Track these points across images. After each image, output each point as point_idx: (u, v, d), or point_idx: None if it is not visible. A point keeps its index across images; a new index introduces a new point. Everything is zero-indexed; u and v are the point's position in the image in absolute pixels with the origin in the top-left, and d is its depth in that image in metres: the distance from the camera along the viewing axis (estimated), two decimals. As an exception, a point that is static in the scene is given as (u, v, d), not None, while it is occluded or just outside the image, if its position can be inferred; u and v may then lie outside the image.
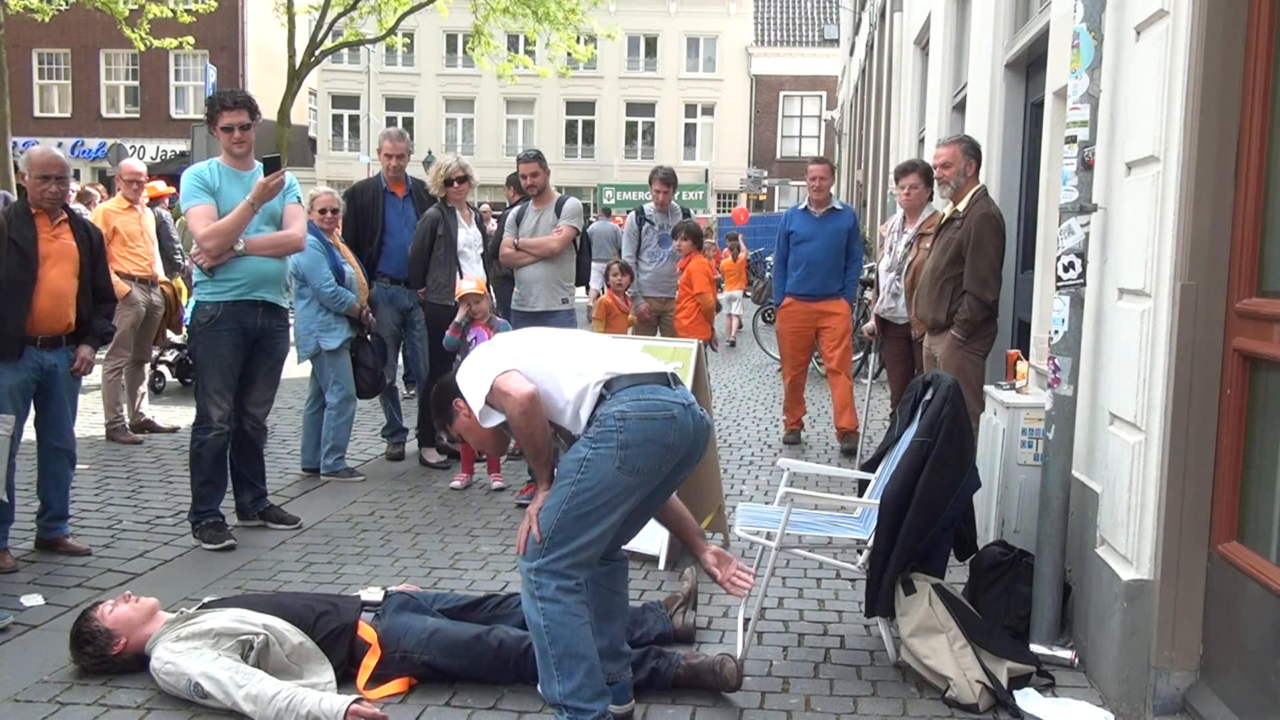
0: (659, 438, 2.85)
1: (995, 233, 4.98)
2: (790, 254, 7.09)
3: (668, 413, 2.87)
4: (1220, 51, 2.91)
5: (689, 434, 2.94)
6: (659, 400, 2.89)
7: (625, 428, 2.81)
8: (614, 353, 3.05)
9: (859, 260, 7.12)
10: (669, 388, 2.96)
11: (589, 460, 2.82)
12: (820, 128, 37.37)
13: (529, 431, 2.87)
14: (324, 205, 6.08)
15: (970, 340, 5.01)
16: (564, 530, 2.84)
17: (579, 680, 2.83)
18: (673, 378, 3.02)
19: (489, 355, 3.01)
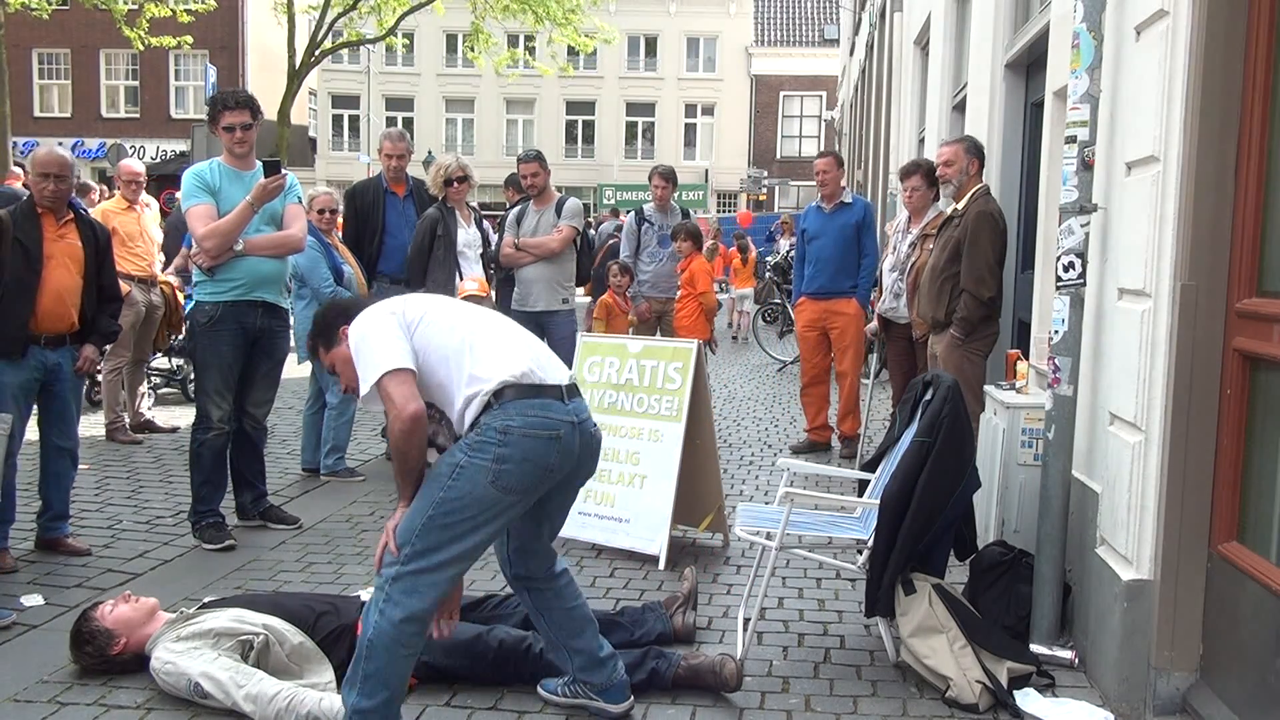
0: (539, 458, 2.74)
1: (992, 230, 4.97)
2: (805, 251, 7.02)
3: (553, 432, 2.76)
4: (1220, 51, 2.91)
5: (573, 454, 2.83)
6: (547, 418, 2.77)
7: (506, 442, 2.70)
8: (517, 352, 2.87)
9: (872, 255, 6.86)
10: (562, 402, 2.83)
11: (463, 468, 2.70)
12: (820, 128, 37.35)
13: (405, 449, 2.72)
14: (322, 205, 6.07)
15: (970, 339, 5.00)
16: (426, 537, 2.71)
17: (375, 704, 2.72)
18: (568, 390, 2.88)
19: (386, 333, 2.80)
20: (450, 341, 2.83)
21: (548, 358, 2.97)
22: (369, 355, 2.77)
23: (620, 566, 4.59)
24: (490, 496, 2.71)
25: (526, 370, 2.81)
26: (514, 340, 2.94)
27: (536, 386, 2.80)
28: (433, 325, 2.85)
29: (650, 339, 6.24)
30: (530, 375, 2.81)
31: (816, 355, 7.02)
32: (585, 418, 2.90)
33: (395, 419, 2.69)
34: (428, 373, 2.80)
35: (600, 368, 5.10)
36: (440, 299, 3.08)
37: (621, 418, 4.95)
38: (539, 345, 3.02)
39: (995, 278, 4.99)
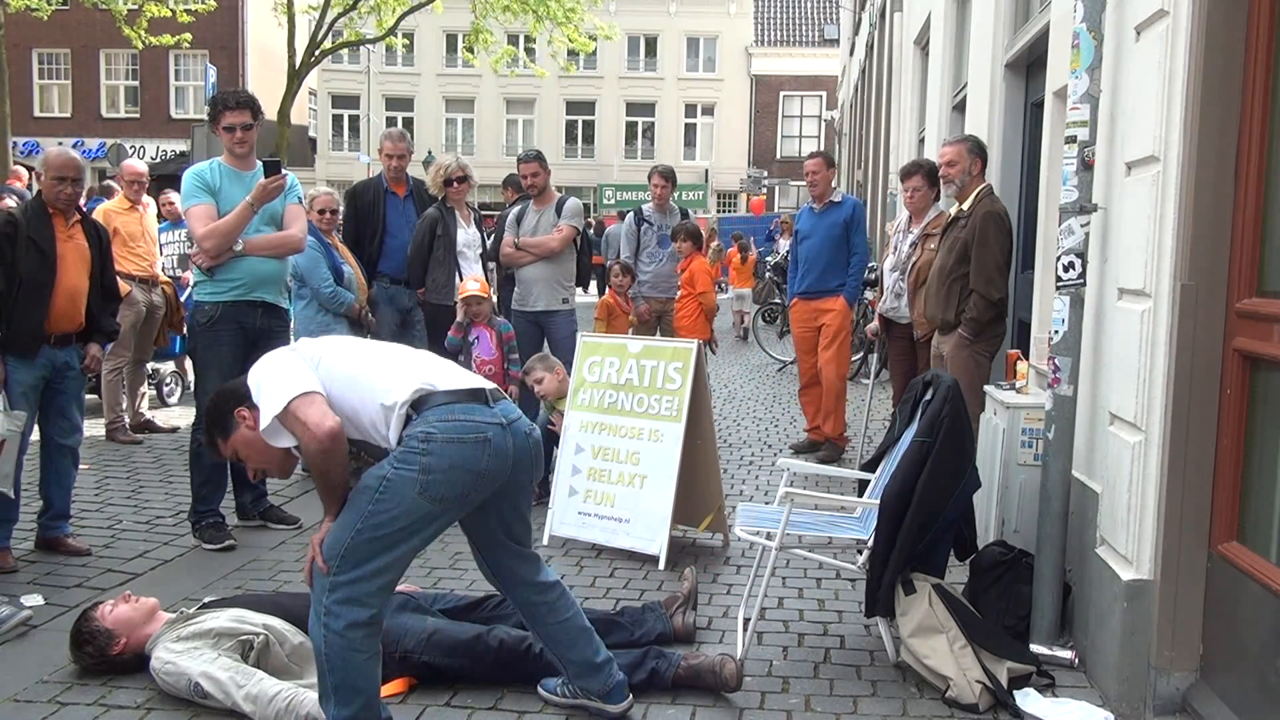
0: (467, 464, 2.65)
1: (1000, 230, 4.96)
2: (797, 252, 7.01)
3: (480, 435, 2.67)
4: (1220, 51, 2.91)
5: (506, 456, 2.74)
6: (471, 421, 2.68)
7: (429, 450, 2.61)
8: (424, 366, 2.82)
9: (861, 253, 6.83)
10: (486, 406, 2.75)
11: (389, 481, 2.62)
12: (820, 128, 37.36)
13: (325, 469, 2.65)
14: (323, 206, 6.05)
15: (978, 339, 4.99)
16: (356, 552, 2.63)
17: (354, 711, 2.69)
18: (492, 394, 2.81)
19: (288, 365, 2.75)
20: (353, 369, 2.77)
21: (459, 370, 2.91)
22: (270, 389, 2.68)
23: (620, 566, 4.59)
24: (420, 507, 2.64)
25: (441, 379, 2.76)
26: (419, 359, 2.90)
27: (456, 391, 2.73)
28: (332, 357, 2.80)
29: (650, 339, 6.24)
30: (446, 382, 2.75)
31: (813, 356, 6.93)
32: (516, 418, 2.82)
33: (311, 440, 2.60)
34: (337, 401, 2.70)
35: (600, 368, 5.10)
36: (333, 339, 3.01)
37: (621, 418, 4.95)
38: (446, 363, 2.96)
39: (1004, 278, 4.98)
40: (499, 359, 5.87)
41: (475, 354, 5.83)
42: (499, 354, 5.87)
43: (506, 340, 5.92)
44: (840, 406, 6.82)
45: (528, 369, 5.59)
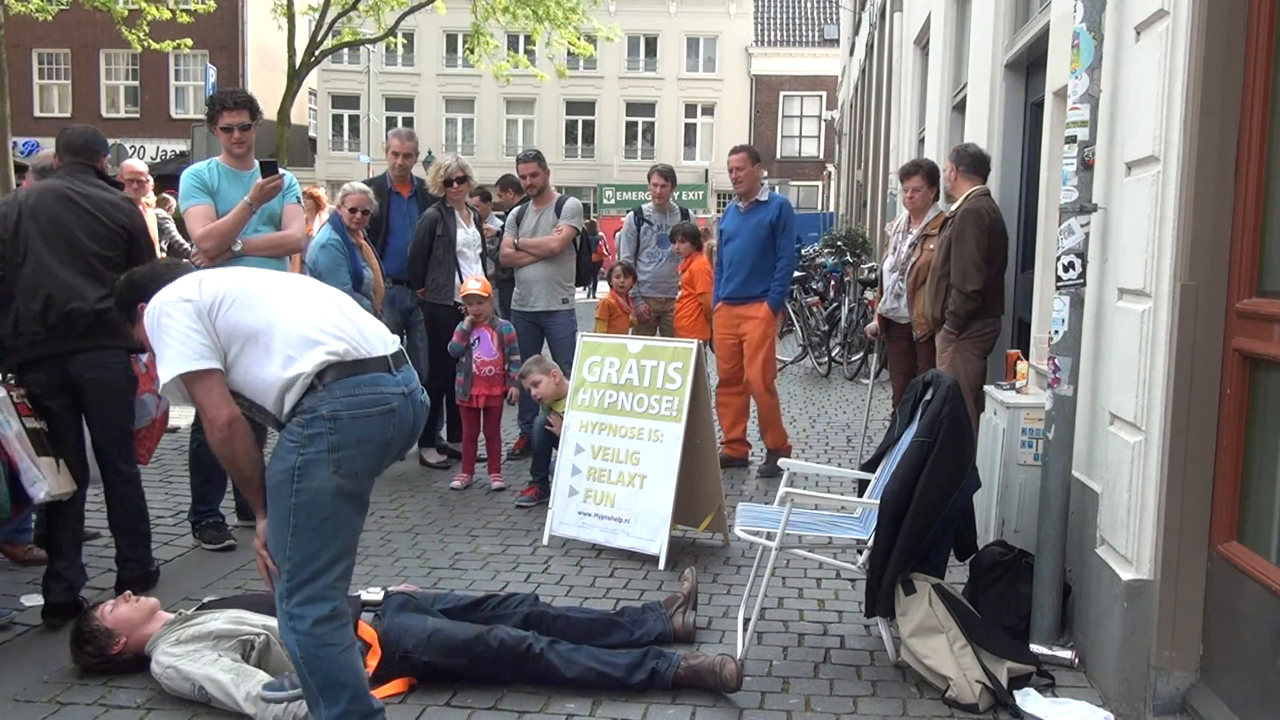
0: (375, 436, 2.63)
1: (976, 226, 5.05)
2: (722, 254, 6.51)
3: (385, 406, 2.64)
4: (1220, 51, 2.91)
5: (407, 425, 2.72)
6: (377, 393, 2.63)
7: (336, 429, 2.56)
8: (335, 326, 2.68)
9: (786, 257, 6.28)
10: (390, 374, 2.69)
11: (300, 470, 2.56)
12: (820, 128, 37.36)
13: (230, 458, 2.61)
14: (355, 204, 5.88)
15: (964, 335, 5.08)
16: (299, 549, 2.59)
17: (343, 706, 2.65)
18: (394, 360, 2.73)
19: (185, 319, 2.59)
20: (257, 321, 2.64)
21: (370, 326, 2.79)
22: (165, 349, 2.59)
23: (620, 566, 4.59)
24: (339, 485, 2.59)
25: (348, 346, 2.65)
26: (329, 311, 2.73)
27: (361, 362, 2.65)
28: (236, 305, 2.64)
29: (650, 339, 6.24)
30: (353, 351, 2.65)
31: (732, 363, 6.44)
32: (415, 387, 2.77)
33: (210, 428, 2.59)
34: (235, 358, 2.62)
35: (600, 368, 5.10)
36: (245, 274, 2.84)
37: (621, 418, 4.95)
38: (357, 313, 2.82)
39: (981, 272, 5.03)
40: (500, 359, 5.87)
41: (476, 354, 5.84)
42: (500, 354, 5.88)
43: (508, 341, 5.93)
44: (776, 417, 6.40)
45: (524, 372, 5.59)
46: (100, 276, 3.81)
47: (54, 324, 3.74)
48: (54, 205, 3.82)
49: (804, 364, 11.35)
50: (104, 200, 3.94)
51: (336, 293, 2.91)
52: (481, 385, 5.84)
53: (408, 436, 2.78)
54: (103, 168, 4.17)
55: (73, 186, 3.88)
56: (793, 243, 6.44)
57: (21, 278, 3.77)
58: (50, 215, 3.81)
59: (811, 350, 11.24)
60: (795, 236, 6.86)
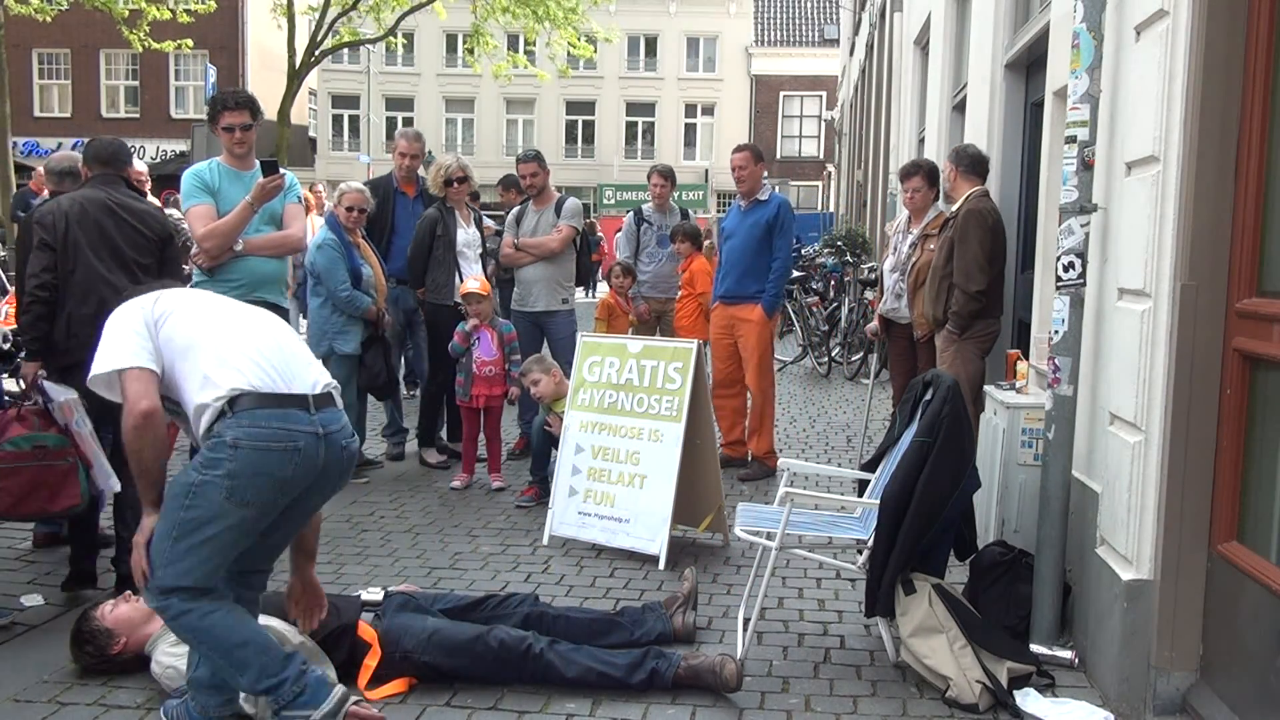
0: (272, 470, 2.67)
1: (980, 226, 5.06)
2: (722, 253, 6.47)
3: (289, 444, 2.68)
4: (1220, 51, 2.91)
5: (315, 466, 2.75)
6: (283, 429, 2.68)
7: (236, 457, 2.63)
8: (261, 356, 2.75)
9: (782, 259, 6.18)
10: (307, 412, 2.72)
11: (197, 487, 2.65)
12: (820, 128, 37.37)
13: (137, 448, 2.68)
14: (351, 203, 5.89)
15: (965, 335, 5.09)
16: (176, 559, 2.68)
17: (255, 666, 2.73)
18: (317, 400, 2.76)
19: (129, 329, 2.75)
20: (191, 339, 2.75)
21: (302, 364, 2.85)
22: (106, 345, 2.76)
23: (620, 566, 4.59)
24: (230, 511, 2.67)
25: (266, 378, 2.71)
26: (261, 342, 2.81)
27: (276, 396, 2.70)
28: (177, 321, 2.78)
29: (650, 339, 6.24)
30: (269, 384, 2.71)
31: (728, 364, 6.36)
32: (336, 429, 2.79)
33: (126, 414, 2.67)
34: (168, 371, 2.74)
35: (600, 368, 5.10)
36: (198, 295, 2.97)
37: (621, 418, 4.95)
38: (291, 347, 2.88)
39: (984, 272, 5.05)
40: (500, 359, 5.87)
41: (476, 354, 5.84)
42: (500, 354, 5.88)
43: (508, 341, 5.93)
44: (767, 425, 6.30)
45: (524, 371, 5.59)
46: (139, 281, 3.99)
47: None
48: (99, 214, 4.04)
49: (804, 364, 11.35)
50: (140, 210, 4.20)
51: (281, 328, 2.98)
52: (482, 385, 5.84)
53: (318, 478, 2.81)
54: (130, 177, 4.35)
55: (111, 196, 4.10)
56: (790, 244, 6.38)
57: (73, 283, 3.98)
58: (96, 224, 4.03)
59: (811, 350, 11.24)
60: (794, 238, 6.80)
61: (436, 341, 6.25)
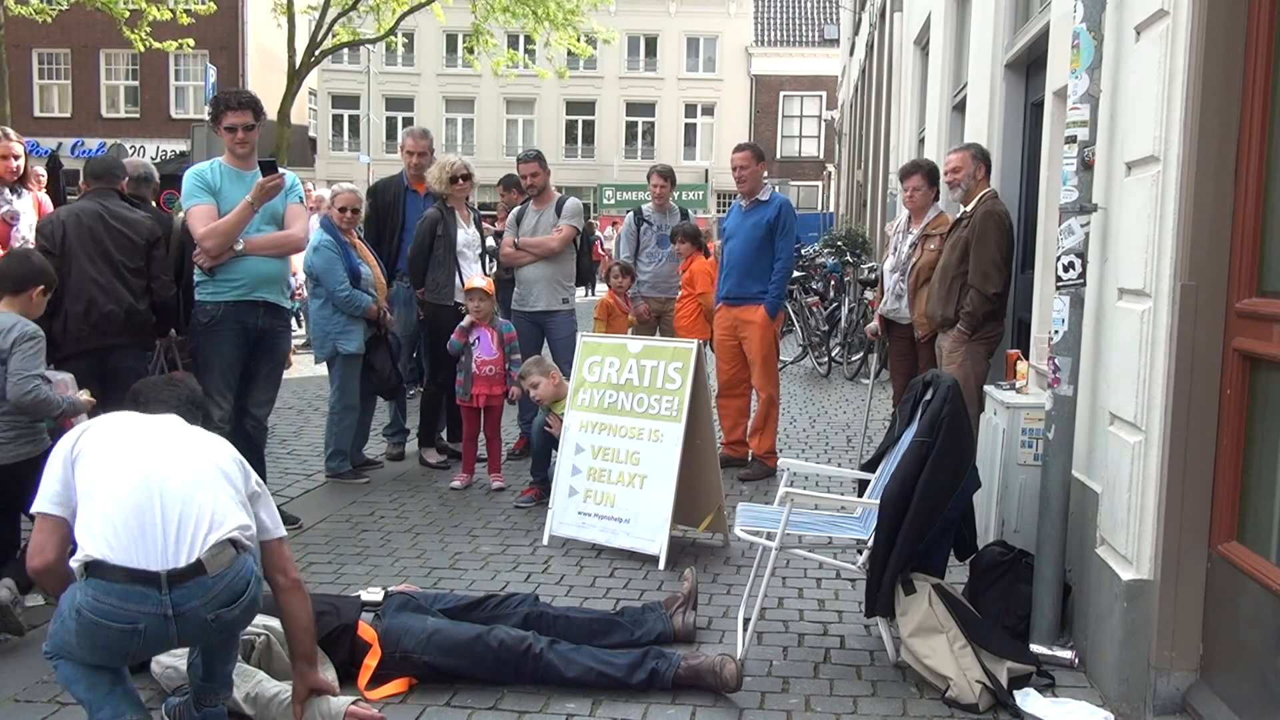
0: (110, 645, 2.61)
1: (998, 229, 5.06)
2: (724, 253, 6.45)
3: (129, 625, 2.56)
4: (1220, 51, 2.91)
5: (166, 641, 2.66)
6: (124, 609, 2.55)
7: (80, 622, 2.58)
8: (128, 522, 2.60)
9: (784, 259, 6.16)
10: (155, 591, 2.56)
11: (64, 617, 2.64)
12: (820, 128, 37.37)
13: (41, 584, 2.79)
14: (344, 203, 5.90)
15: (975, 336, 5.07)
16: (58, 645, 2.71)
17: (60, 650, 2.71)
18: (175, 576, 2.57)
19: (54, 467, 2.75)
20: (85, 486, 2.69)
21: (176, 526, 2.63)
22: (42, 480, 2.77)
23: (620, 566, 4.59)
24: (81, 652, 2.65)
25: (117, 548, 2.58)
26: (130, 507, 2.63)
27: (121, 570, 2.56)
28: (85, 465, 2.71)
29: (650, 339, 6.24)
30: (115, 556, 2.57)
31: (733, 366, 6.36)
32: (193, 606, 2.59)
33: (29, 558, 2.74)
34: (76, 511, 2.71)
35: (600, 368, 5.10)
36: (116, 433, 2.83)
37: (621, 418, 4.95)
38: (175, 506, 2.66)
39: (1002, 274, 5.06)
40: (500, 359, 5.87)
41: (476, 354, 5.84)
42: (500, 354, 5.88)
43: (507, 340, 5.93)
44: (771, 425, 6.28)
45: (523, 374, 5.59)
46: (127, 283, 4.52)
47: (95, 323, 4.39)
48: (92, 223, 4.52)
49: (804, 364, 11.35)
50: (130, 218, 4.66)
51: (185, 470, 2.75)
52: (482, 385, 5.84)
53: (176, 644, 2.73)
54: (123, 190, 4.80)
55: (105, 207, 4.59)
56: (791, 244, 6.36)
57: (69, 285, 4.40)
58: (91, 232, 4.50)
59: (811, 350, 11.24)
60: (795, 238, 6.80)
61: (436, 341, 6.25)
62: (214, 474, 2.79)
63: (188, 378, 3.23)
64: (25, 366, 3.58)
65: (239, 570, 2.69)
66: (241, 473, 2.88)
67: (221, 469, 2.82)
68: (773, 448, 6.33)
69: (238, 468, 2.88)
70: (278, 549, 2.93)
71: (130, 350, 4.52)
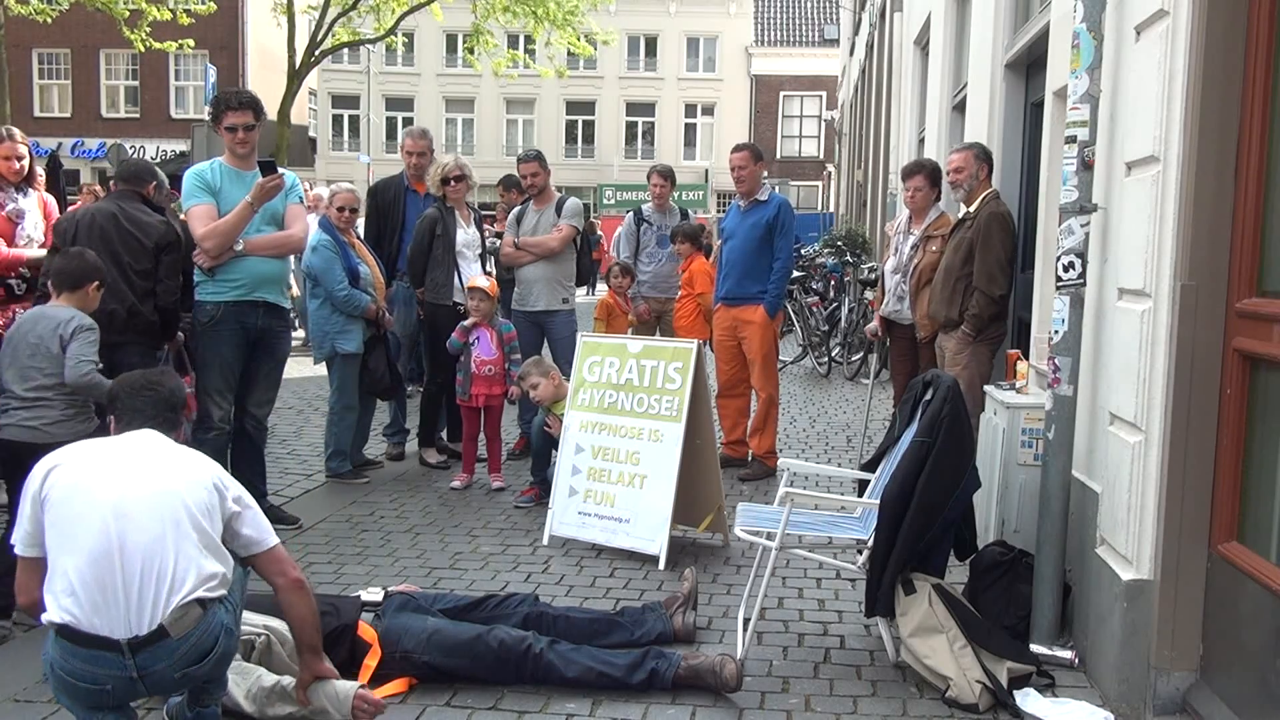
0: (81, 700, 2.65)
1: (1003, 230, 5.07)
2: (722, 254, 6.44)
3: (96, 686, 2.59)
4: (1220, 51, 2.91)
5: (136, 695, 2.70)
6: (90, 671, 2.58)
7: (53, 675, 2.64)
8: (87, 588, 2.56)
9: (783, 259, 6.16)
10: (120, 656, 2.55)
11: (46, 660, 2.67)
12: (820, 128, 37.36)
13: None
14: (342, 203, 5.91)
15: (979, 337, 5.07)
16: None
17: None
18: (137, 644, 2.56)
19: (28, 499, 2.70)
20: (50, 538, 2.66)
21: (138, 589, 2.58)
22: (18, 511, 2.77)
23: (620, 566, 4.59)
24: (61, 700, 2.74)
25: (79, 614, 2.56)
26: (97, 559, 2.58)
27: (86, 636, 2.56)
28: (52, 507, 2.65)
29: (650, 339, 6.24)
30: (79, 622, 2.56)
31: (733, 366, 6.36)
32: (159, 669, 2.60)
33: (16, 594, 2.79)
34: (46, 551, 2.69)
35: (600, 368, 5.10)
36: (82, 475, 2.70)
37: (621, 418, 4.95)
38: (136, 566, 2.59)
39: (1006, 276, 5.07)
40: (499, 359, 5.87)
41: (475, 354, 5.84)
42: (499, 354, 5.87)
43: (507, 340, 5.92)
44: (770, 425, 6.28)
45: (523, 374, 5.58)
46: (132, 284, 4.53)
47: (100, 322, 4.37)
48: (105, 223, 4.59)
49: (804, 364, 11.35)
50: (144, 221, 4.64)
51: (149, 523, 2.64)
52: (481, 385, 5.84)
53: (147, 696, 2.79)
54: (149, 194, 4.79)
55: (120, 208, 4.63)
56: (790, 244, 6.36)
57: None
58: (101, 232, 4.56)
59: (811, 350, 11.24)
60: (794, 238, 6.80)
61: (436, 341, 6.25)
62: (178, 521, 2.66)
63: (167, 374, 3.21)
64: (82, 352, 3.89)
65: (206, 628, 2.65)
66: (217, 499, 2.76)
67: (189, 509, 2.68)
68: (773, 448, 6.32)
69: (211, 495, 2.75)
70: (270, 557, 2.88)
71: (135, 349, 4.56)
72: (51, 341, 3.89)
